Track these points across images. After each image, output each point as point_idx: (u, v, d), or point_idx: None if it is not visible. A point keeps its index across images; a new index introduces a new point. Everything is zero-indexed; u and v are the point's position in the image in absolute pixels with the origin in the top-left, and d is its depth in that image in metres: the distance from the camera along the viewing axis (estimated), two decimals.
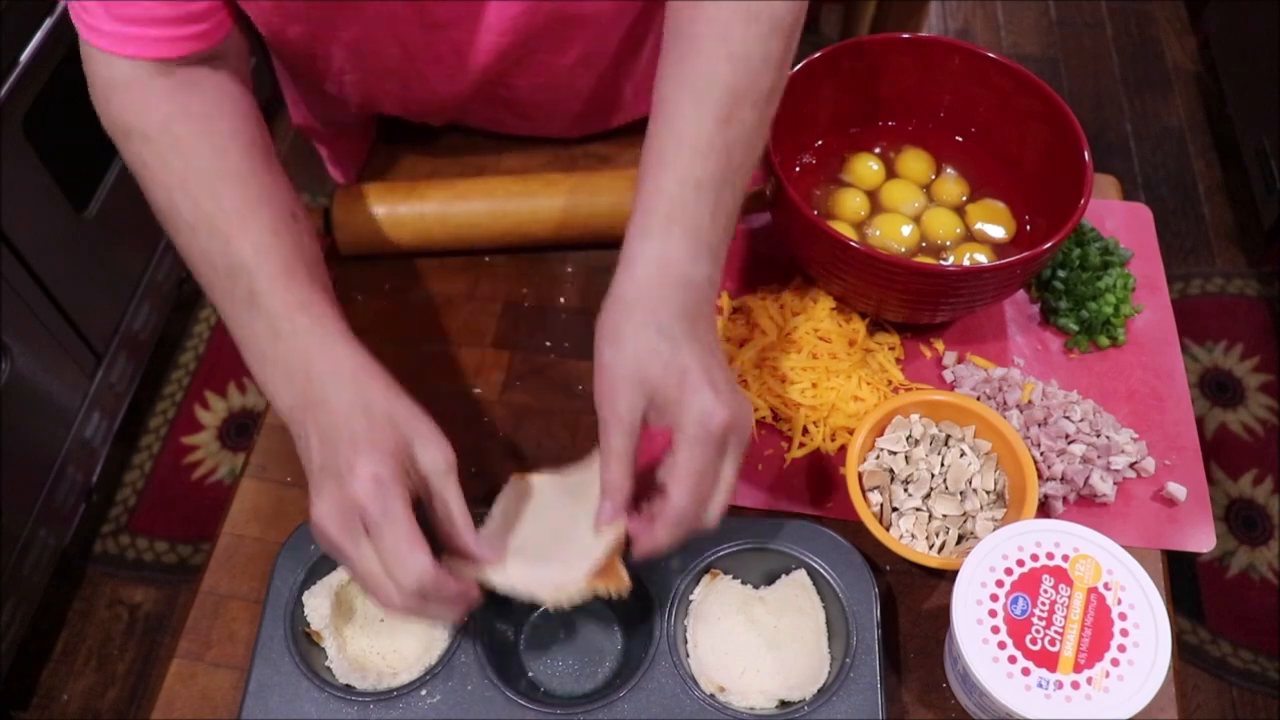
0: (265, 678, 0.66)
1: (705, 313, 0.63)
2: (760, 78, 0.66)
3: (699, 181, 0.64)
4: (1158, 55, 2.41)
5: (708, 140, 0.64)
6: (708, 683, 0.67)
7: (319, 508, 0.57)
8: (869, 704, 0.65)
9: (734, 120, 0.65)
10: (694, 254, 0.63)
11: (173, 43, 0.67)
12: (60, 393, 1.55)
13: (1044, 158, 0.83)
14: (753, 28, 0.66)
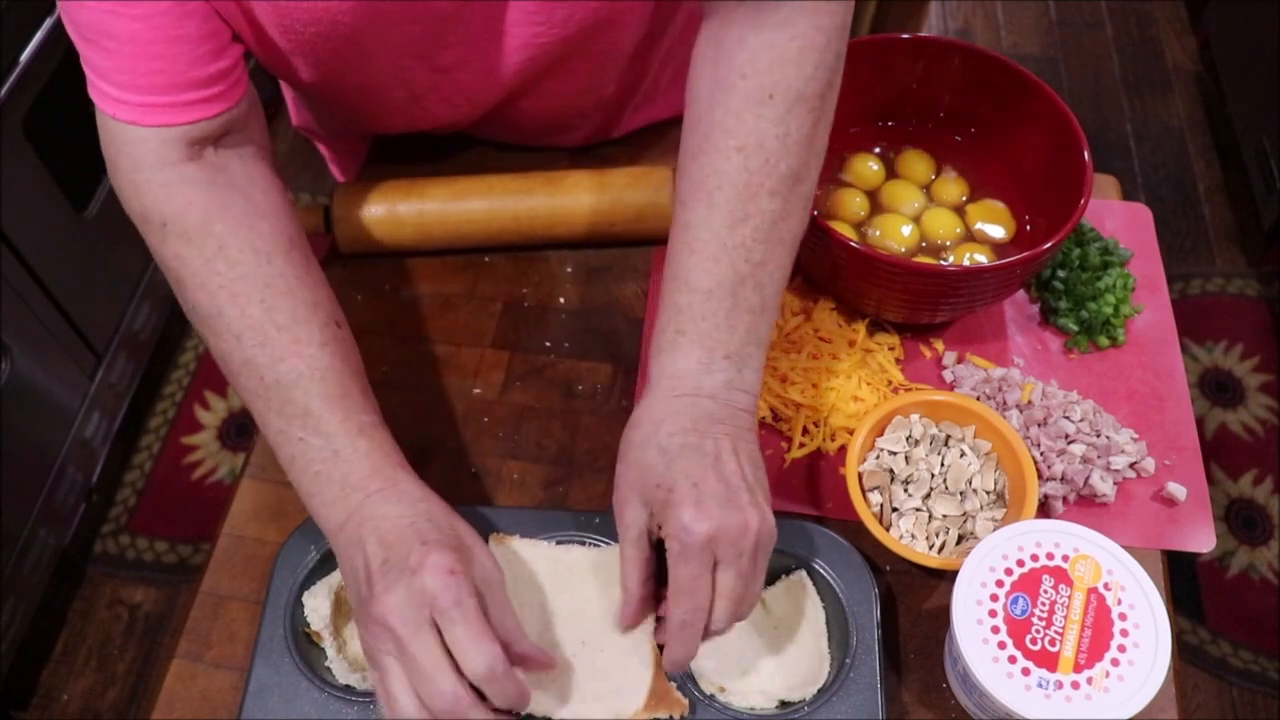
0: (265, 678, 0.66)
1: (721, 418, 0.62)
2: (778, 162, 0.64)
3: (709, 290, 0.63)
4: (1158, 55, 2.41)
5: (719, 244, 0.63)
6: (707, 683, 0.67)
7: (386, 601, 0.55)
8: (869, 704, 0.65)
9: (749, 216, 0.63)
10: (706, 363, 0.63)
11: (196, 106, 0.65)
12: (60, 393, 1.55)
13: (1044, 158, 0.83)
14: (766, 109, 0.64)
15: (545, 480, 0.78)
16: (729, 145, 0.64)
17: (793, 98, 0.64)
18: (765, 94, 0.64)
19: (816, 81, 0.64)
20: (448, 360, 0.85)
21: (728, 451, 0.61)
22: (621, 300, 0.88)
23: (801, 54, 0.64)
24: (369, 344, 0.86)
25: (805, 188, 0.66)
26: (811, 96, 0.64)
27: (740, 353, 0.64)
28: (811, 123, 0.65)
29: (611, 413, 0.82)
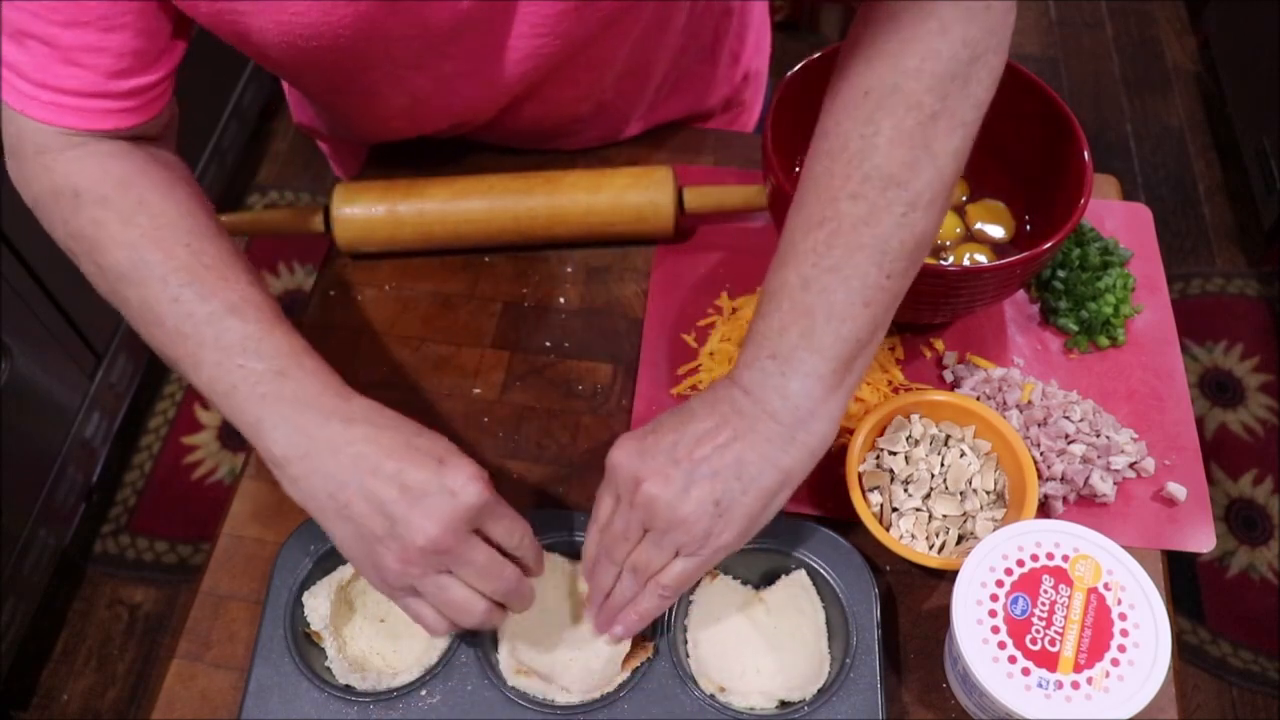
0: (265, 678, 0.66)
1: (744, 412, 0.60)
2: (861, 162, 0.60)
3: (772, 291, 0.62)
4: (1158, 55, 2.41)
5: (791, 247, 0.61)
6: (708, 683, 0.67)
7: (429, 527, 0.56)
8: (869, 704, 0.65)
9: (826, 220, 0.60)
10: (750, 359, 0.61)
11: (115, 115, 0.64)
12: (60, 393, 1.55)
13: (1044, 158, 0.83)
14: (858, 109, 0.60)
15: (545, 480, 0.78)
16: (819, 149, 0.62)
17: (886, 92, 0.59)
18: (860, 92, 0.60)
19: (923, 75, 0.59)
20: (448, 360, 0.85)
21: (714, 440, 0.59)
22: (621, 300, 0.88)
23: (903, 46, 0.59)
24: (369, 344, 0.86)
25: (904, 193, 0.59)
26: (915, 91, 0.59)
27: (788, 355, 0.59)
28: (915, 121, 0.59)
29: (611, 413, 0.82)
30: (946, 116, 0.60)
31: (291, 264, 2.04)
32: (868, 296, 0.60)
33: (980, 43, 0.60)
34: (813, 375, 0.59)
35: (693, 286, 0.88)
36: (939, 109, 0.59)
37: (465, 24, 0.71)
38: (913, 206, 0.60)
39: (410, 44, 0.72)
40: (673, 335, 0.85)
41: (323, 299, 0.89)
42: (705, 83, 0.97)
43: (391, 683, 0.67)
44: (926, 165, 0.59)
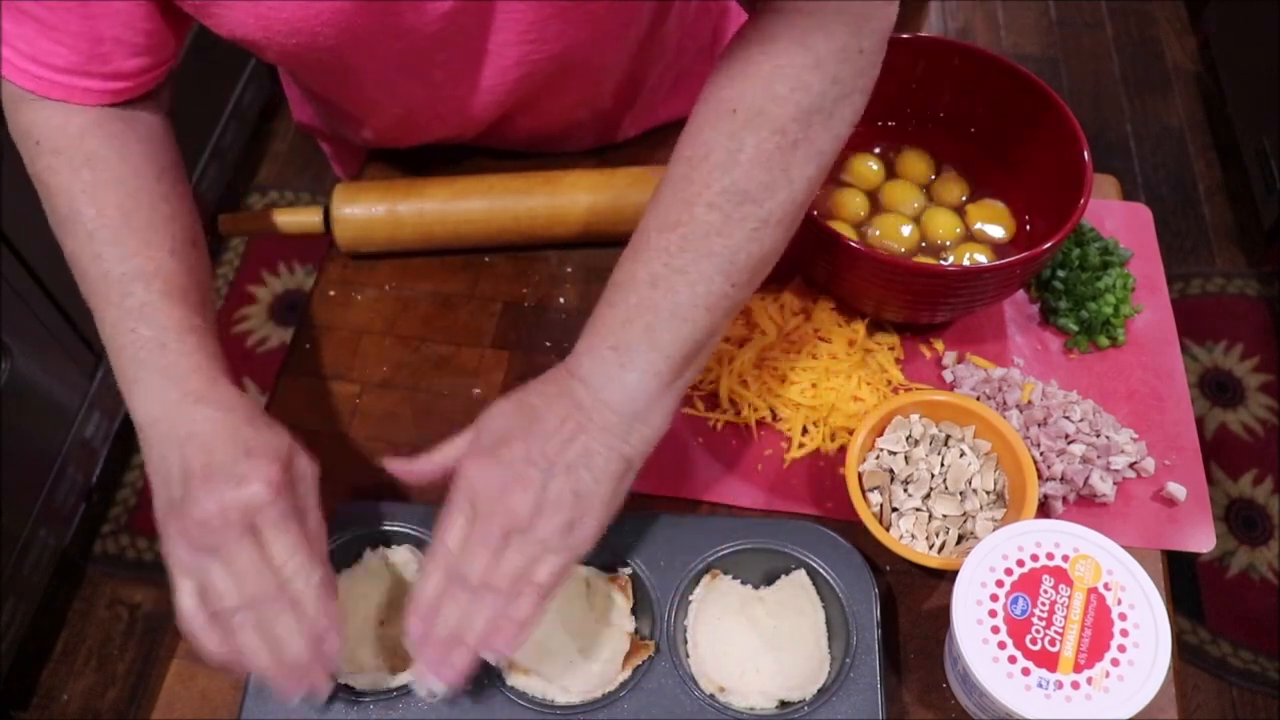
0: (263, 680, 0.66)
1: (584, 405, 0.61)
2: (722, 175, 0.61)
3: (619, 282, 0.63)
4: (1158, 55, 2.41)
5: (645, 242, 0.63)
6: (708, 683, 0.67)
7: (207, 505, 0.58)
8: (869, 704, 0.65)
9: (681, 222, 0.61)
10: (589, 347, 0.62)
11: (96, 94, 0.67)
12: (60, 393, 1.55)
13: (1044, 158, 0.83)
14: (724, 122, 0.62)
15: None
16: (682, 154, 0.63)
17: (753, 114, 0.61)
18: (728, 108, 0.62)
19: (790, 104, 0.61)
20: (448, 360, 0.85)
21: (559, 433, 0.60)
22: None
23: (775, 72, 0.61)
24: (369, 344, 0.86)
25: (758, 210, 0.61)
26: (780, 117, 0.61)
27: (628, 349, 0.61)
28: (776, 145, 0.61)
29: None
30: (806, 145, 0.62)
31: (291, 264, 2.04)
32: (710, 302, 0.61)
33: (849, 83, 0.63)
34: (650, 371, 0.61)
35: None
36: (800, 137, 0.61)
37: (448, 28, 0.71)
38: (764, 223, 0.62)
39: (393, 46, 0.72)
40: None
41: (323, 299, 0.89)
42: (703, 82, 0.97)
43: (391, 683, 0.67)
44: (782, 187, 0.62)
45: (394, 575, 0.72)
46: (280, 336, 1.94)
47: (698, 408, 0.81)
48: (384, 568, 0.72)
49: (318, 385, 0.84)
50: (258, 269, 2.03)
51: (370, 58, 0.73)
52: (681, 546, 0.71)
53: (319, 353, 0.86)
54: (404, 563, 0.71)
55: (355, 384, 0.84)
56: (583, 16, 0.73)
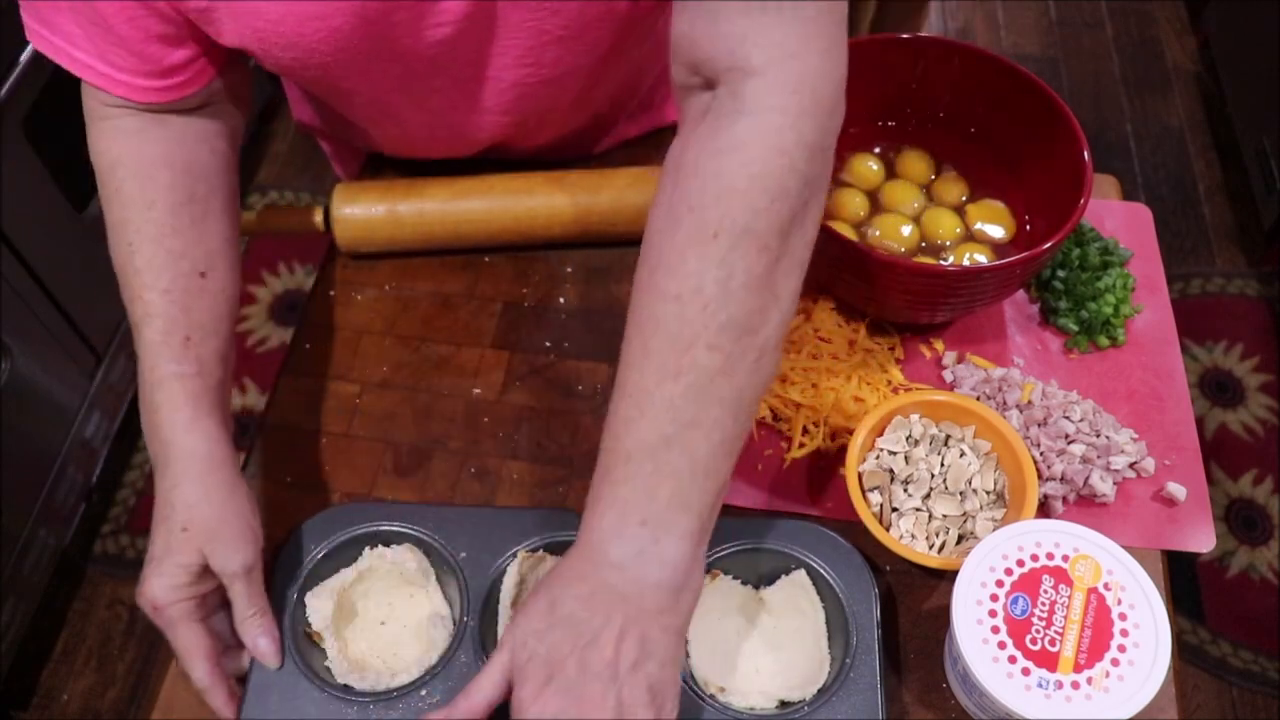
0: (265, 676, 0.66)
1: (626, 594, 0.57)
2: (718, 310, 0.57)
3: (629, 451, 0.58)
4: (1158, 55, 2.41)
5: (646, 398, 0.58)
6: (707, 683, 0.67)
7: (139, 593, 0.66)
8: (869, 704, 0.65)
9: (682, 371, 0.57)
10: (618, 528, 0.58)
11: (144, 91, 0.68)
12: (60, 393, 1.54)
13: (1044, 158, 0.83)
14: (709, 249, 0.57)
15: (545, 480, 0.78)
16: (669, 289, 0.58)
17: (738, 234, 0.57)
18: (710, 231, 0.57)
19: (773, 216, 0.57)
20: (448, 360, 0.85)
21: (611, 636, 0.56)
22: (621, 300, 0.88)
23: (752, 184, 0.57)
24: (369, 344, 0.86)
25: (759, 338, 0.58)
26: (764, 233, 0.57)
27: (660, 520, 0.57)
28: (765, 264, 0.57)
29: None
30: (787, 258, 0.59)
31: (291, 264, 2.04)
32: (728, 448, 0.59)
33: (816, 183, 0.59)
34: (686, 535, 0.58)
35: None
36: (782, 251, 0.58)
37: (445, 54, 0.71)
38: (763, 353, 0.59)
39: (388, 70, 0.72)
40: None
41: (323, 299, 0.89)
42: None
43: (391, 683, 0.67)
44: (773, 310, 0.59)
45: (394, 574, 0.72)
46: (280, 336, 1.94)
47: None
48: (384, 566, 0.72)
49: (318, 385, 0.84)
50: (258, 269, 2.03)
51: (365, 78, 0.73)
52: None
53: (319, 353, 0.86)
54: (403, 561, 0.71)
55: (355, 384, 0.84)
56: (581, 45, 0.73)
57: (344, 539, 0.72)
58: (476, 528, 0.72)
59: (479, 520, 0.72)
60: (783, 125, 0.57)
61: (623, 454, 0.58)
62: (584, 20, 0.70)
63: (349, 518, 0.73)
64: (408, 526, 0.72)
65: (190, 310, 0.69)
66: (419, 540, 0.72)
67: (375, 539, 0.72)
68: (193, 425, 0.67)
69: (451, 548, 0.71)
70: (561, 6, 0.69)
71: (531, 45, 0.72)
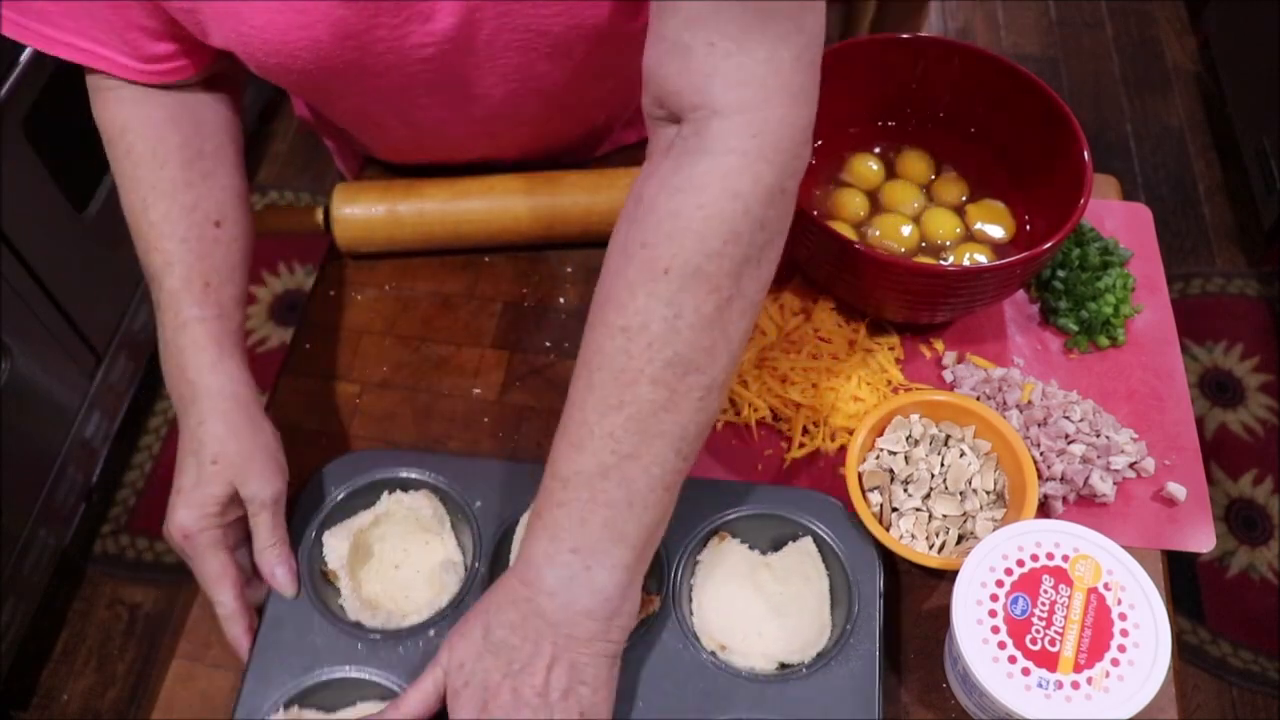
0: (280, 610, 0.69)
1: (555, 621, 0.58)
2: (663, 347, 0.57)
3: (566, 478, 0.59)
4: (1158, 55, 2.41)
5: (586, 430, 0.58)
6: (709, 640, 0.68)
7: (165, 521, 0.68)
8: (867, 671, 0.65)
9: (624, 404, 0.58)
10: (550, 554, 0.59)
11: (128, 70, 0.70)
12: (60, 393, 1.54)
13: (1044, 158, 0.83)
14: (659, 285, 0.57)
15: None
16: (615, 323, 0.58)
17: (689, 274, 0.57)
18: (660, 268, 0.57)
19: (725, 258, 0.57)
20: (448, 360, 0.85)
21: (542, 664, 0.58)
22: None
23: (707, 225, 0.57)
24: (369, 344, 0.86)
25: (703, 378, 0.58)
26: (715, 274, 0.57)
27: (591, 549, 0.58)
28: (715, 304, 0.57)
29: None
30: (740, 299, 0.59)
31: (291, 264, 2.04)
32: (667, 481, 0.59)
33: (773, 226, 0.59)
34: (619, 566, 0.59)
35: None
36: (734, 293, 0.58)
37: (430, 72, 0.71)
38: (709, 390, 0.59)
39: (372, 84, 0.72)
40: None
41: (323, 299, 0.89)
42: None
43: (401, 624, 0.69)
44: (723, 350, 0.59)
45: (410, 519, 0.74)
46: (280, 336, 1.94)
47: None
48: (401, 511, 0.74)
49: (318, 385, 0.84)
50: (258, 269, 2.03)
51: (349, 89, 0.73)
52: (692, 508, 0.71)
53: (319, 353, 0.87)
54: (419, 508, 0.73)
55: (355, 384, 0.85)
56: (570, 61, 0.73)
57: (364, 483, 0.74)
58: (492, 479, 0.74)
59: (495, 472, 0.74)
60: (741, 168, 0.57)
61: (560, 480, 0.59)
62: (571, 38, 0.70)
63: (370, 463, 0.75)
64: (427, 474, 0.74)
65: (207, 258, 0.71)
66: (436, 488, 0.74)
67: (394, 484, 0.74)
68: (218, 365, 0.69)
69: (467, 497, 0.73)
70: (549, 26, 0.69)
71: (519, 62, 0.72)
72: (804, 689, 0.65)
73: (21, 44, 0.70)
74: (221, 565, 0.67)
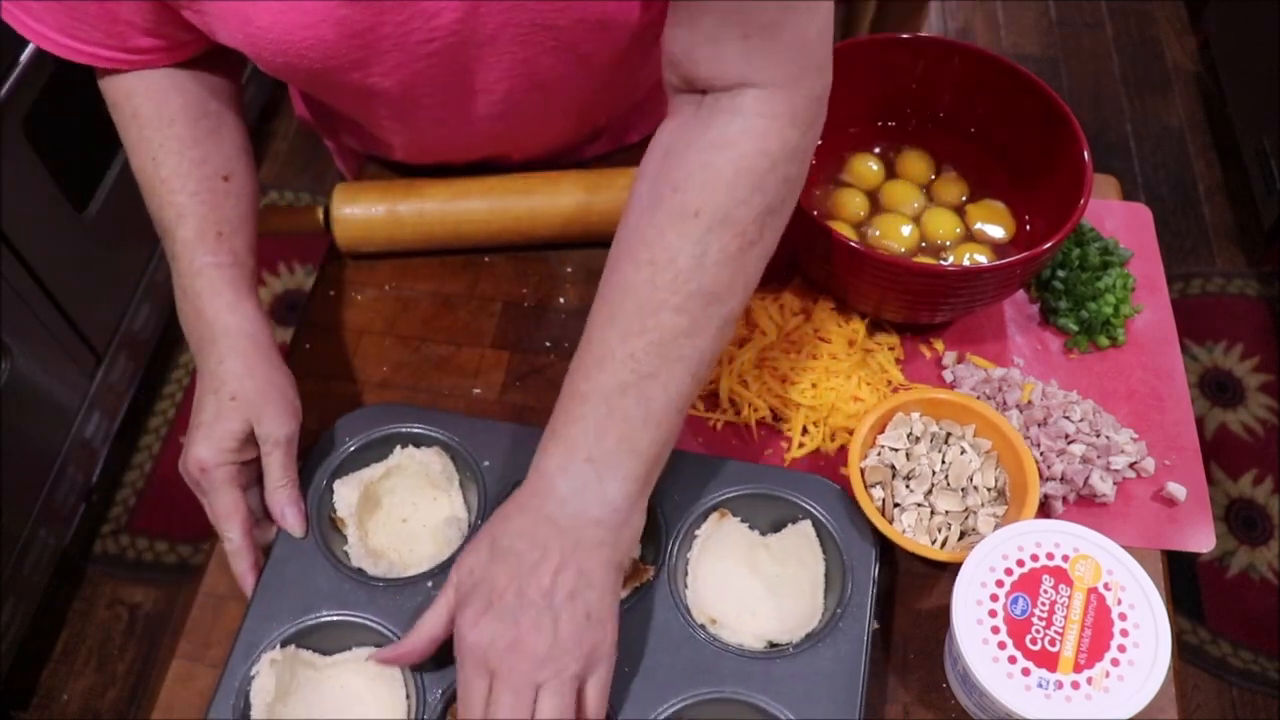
0: (286, 551, 0.70)
1: (565, 528, 0.60)
2: (689, 280, 0.61)
3: (585, 394, 0.62)
4: (1158, 55, 2.41)
5: (607, 352, 0.62)
6: (700, 614, 0.68)
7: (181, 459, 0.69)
8: (854, 654, 0.66)
9: (646, 329, 0.61)
10: (564, 465, 0.61)
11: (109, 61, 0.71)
12: (60, 393, 1.54)
13: (1044, 158, 0.83)
14: (688, 226, 0.61)
15: None
16: (643, 258, 0.62)
17: (719, 219, 0.61)
18: (691, 210, 0.61)
19: (751, 206, 0.62)
20: (448, 360, 0.85)
21: (549, 568, 0.60)
22: None
23: (738, 177, 0.62)
24: (369, 344, 0.86)
25: (724, 309, 0.63)
26: (742, 220, 0.62)
27: (606, 460, 0.61)
28: (739, 247, 0.62)
29: None
30: (760, 245, 0.64)
31: (291, 264, 2.04)
32: (680, 404, 0.63)
33: (794, 181, 0.65)
34: (631, 478, 0.61)
35: None
36: (757, 238, 0.63)
37: (434, 65, 0.71)
38: (727, 321, 0.63)
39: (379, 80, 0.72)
40: None
41: (323, 299, 0.89)
42: None
43: (404, 572, 0.70)
44: (740, 285, 0.63)
45: (420, 474, 0.75)
46: (280, 336, 1.92)
47: (698, 408, 0.81)
48: (412, 465, 0.75)
49: (318, 385, 0.84)
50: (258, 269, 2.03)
51: (355, 85, 0.73)
52: (694, 483, 0.72)
53: (319, 353, 0.87)
54: (429, 463, 0.74)
55: (355, 384, 0.85)
56: (574, 56, 0.73)
57: (378, 435, 0.75)
58: (501, 440, 0.75)
59: (505, 434, 0.75)
60: (770, 130, 0.62)
61: (579, 397, 0.62)
62: (577, 33, 0.71)
63: (385, 417, 0.76)
64: (439, 431, 0.75)
65: (219, 208, 0.73)
66: (447, 445, 0.75)
67: (407, 439, 0.75)
68: (235, 306, 0.71)
69: (476, 456, 0.74)
70: (554, 20, 0.69)
71: (524, 57, 0.72)
72: (790, 668, 0.65)
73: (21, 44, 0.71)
74: (233, 501, 0.68)
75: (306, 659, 0.67)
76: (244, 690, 0.65)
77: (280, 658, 0.66)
